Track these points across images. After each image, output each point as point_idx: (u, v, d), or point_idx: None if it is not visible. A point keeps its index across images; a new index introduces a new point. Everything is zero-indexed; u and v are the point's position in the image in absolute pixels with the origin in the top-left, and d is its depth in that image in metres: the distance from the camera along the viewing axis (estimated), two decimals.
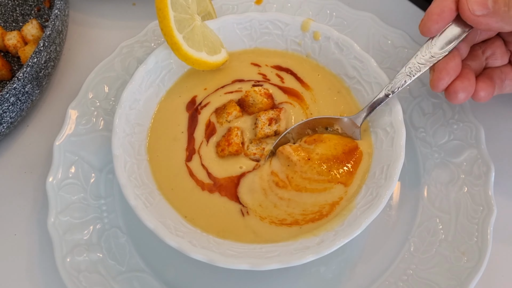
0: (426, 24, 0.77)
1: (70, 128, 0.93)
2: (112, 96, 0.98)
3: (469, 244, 0.81)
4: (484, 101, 0.81)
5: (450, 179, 0.88)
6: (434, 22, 0.76)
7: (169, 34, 0.83)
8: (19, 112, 0.94)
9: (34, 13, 1.14)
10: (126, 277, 0.83)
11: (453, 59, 0.78)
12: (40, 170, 0.96)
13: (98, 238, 0.86)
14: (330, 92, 0.90)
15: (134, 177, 0.80)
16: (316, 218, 0.78)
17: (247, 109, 0.87)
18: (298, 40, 0.93)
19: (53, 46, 0.96)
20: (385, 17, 1.03)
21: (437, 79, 0.78)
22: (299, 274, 0.85)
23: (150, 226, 0.74)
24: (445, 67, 0.78)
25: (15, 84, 0.88)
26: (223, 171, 0.82)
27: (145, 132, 0.87)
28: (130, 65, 1.00)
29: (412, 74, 0.80)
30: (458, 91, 0.78)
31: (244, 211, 0.79)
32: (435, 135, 0.92)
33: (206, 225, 0.78)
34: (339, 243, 0.72)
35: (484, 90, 0.80)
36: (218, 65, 0.90)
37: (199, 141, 0.85)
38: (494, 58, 0.84)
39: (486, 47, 0.85)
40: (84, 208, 0.88)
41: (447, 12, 0.75)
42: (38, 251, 0.88)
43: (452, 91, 0.78)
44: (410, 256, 0.83)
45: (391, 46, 1.00)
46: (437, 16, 0.76)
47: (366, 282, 0.83)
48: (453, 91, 0.78)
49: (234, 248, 0.74)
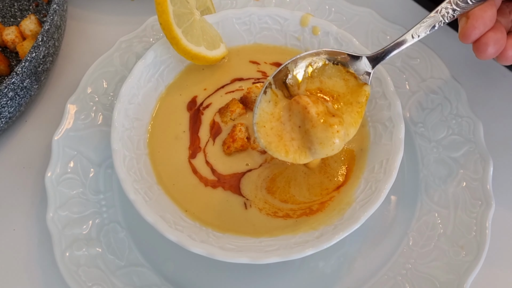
0: None
1: (69, 123, 0.93)
2: (111, 91, 0.97)
3: (468, 238, 0.82)
4: (508, 62, 0.74)
5: (448, 173, 0.88)
6: None
7: (168, 28, 0.83)
8: (18, 107, 0.94)
9: (32, 8, 1.13)
10: (125, 271, 0.83)
11: (490, 8, 0.72)
12: (39, 165, 0.96)
13: (97, 233, 0.86)
14: None
15: (133, 171, 0.80)
16: (308, 213, 0.79)
17: (250, 106, 0.87)
18: (297, 35, 0.93)
19: (52, 41, 0.96)
20: (384, 12, 1.04)
21: (472, 27, 0.71)
22: (298, 269, 0.85)
23: (150, 220, 0.74)
24: (482, 15, 0.71)
25: (14, 78, 0.88)
26: (229, 168, 0.83)
27: (144, 127, 0.87)
28: (129, 60, 0.99)
29: (444, 18, 0.74)
30: (489, 43, 0.71)
31: (247, 204, 0.79)
32: (433, 130, 0.92)
33: (207, 219, 0.78)
34: (338, 237, 0.72)
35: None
36: (217, 59, 0.90)
37: (205, 140, 0.85)
38: None
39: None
40: (83, 203, 0.88)
41: None
42: (37, 246, 0.88)
43: (484, 43, 0.71)
44: (409, 250, 0.84)
45: (390, 41, 0.99)
46: None
47: (365, 277, 0.83)
48: (485, 42, 0.71)
49: (233, 242, 0.74)
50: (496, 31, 0.72)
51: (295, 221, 0.78)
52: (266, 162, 0.83)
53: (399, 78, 0.96)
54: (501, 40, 0.72)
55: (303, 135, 0.74)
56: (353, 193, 0.79)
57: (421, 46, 0.98)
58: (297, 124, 0.75)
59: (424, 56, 0.97)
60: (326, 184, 0.81)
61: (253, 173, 0.82)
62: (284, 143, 0.75)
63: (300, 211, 0.79)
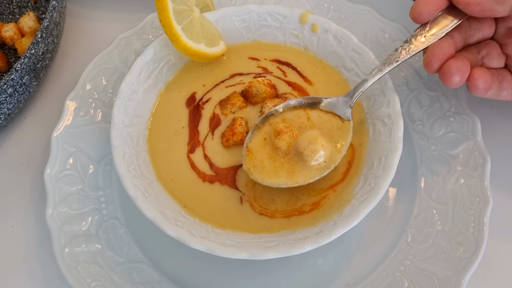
0: (416, 8, 0.77)
1: (68, 119, 0.93)
2: (110, 88, 0.97)
3: (466, 235, 0.82)
4: (482, 93, 0.78)
5: (446, 171, 0.88)
6: (424, 5, 0.76)
7: (168, 25, 0.83)
8: (17, 104, 0.94)
9: (30, 5, 1.13)
10: (124, 268, 0.83)
11: (446, 40, 0.78)
12: (37, 162, 0.96)
13: (97, 229, 0.86)
14: (329, 84, 0.90)
15: (133, 167, 0.80)
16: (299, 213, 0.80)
17: (250, 100, 0.87)
18: (297, 33, 0.93)
19: (51, 37, 0.96)
20: (383, 10, 1.04)
21: (431, 55, 0.76)
22: (297, 265, 0.85)
23: (150, 217, 0.74)
24: (439, 45, 0.77)
25: (13, 75, 0.88)
26: (226, 161, 0.83)
27: (144, 124, 0.87)
28: (128, 57, 0.99)
29: (404, 54, 0.80)
30: (452, 70, 0.75)
31: (243, 199, 0.80)
32: (432, 127, 0.92)
33: (205, 214, 0.79)
34: (338, 232, 0.72)
35: (482, 78, 0.76)
36: (217, 56, 0.91)
37: (204, 134, 0.86)
38: (490, 58, 0.82)
39: (482, 47, 0.83)
40: (83, 199, 0.88)
41: None
42: (36, 243, 0.88)
43: (447, 71, 0.75)
44: (407, 246, 0.84)
45: (388, 39, 1.01)
46: (427, 0, 0.76)
47: (363, 273, 0.83)
48: (448, 70, 0.75)
49: (233, 238, 0.75)
50: (457, 59, 0.76)
51: (287, 220, 0.79)
52: None
53: (397, 76, 0.97)
54: (463, 67, 0.75)
55: (289, 155, 0.80)
56: (352, 190, 0.79)
57: None
58: (282, 149, 0.80)
59: (422, 55, 0.98)
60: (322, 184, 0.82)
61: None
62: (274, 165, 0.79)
63: (287, 213, 0.79)
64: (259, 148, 0.80)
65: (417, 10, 0.77)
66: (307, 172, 0.77)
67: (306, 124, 0.82)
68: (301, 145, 0.78)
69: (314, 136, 0.78)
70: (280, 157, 0.79)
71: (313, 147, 0.77)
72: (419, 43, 0.80)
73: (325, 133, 0.81)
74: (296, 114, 0.83)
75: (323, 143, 0.78)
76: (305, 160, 0.77)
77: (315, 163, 0.77)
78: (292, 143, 0.79)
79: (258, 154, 0.80)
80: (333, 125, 0.82)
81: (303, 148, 0.77)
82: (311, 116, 0.82)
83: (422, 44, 0.79)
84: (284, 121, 0.82)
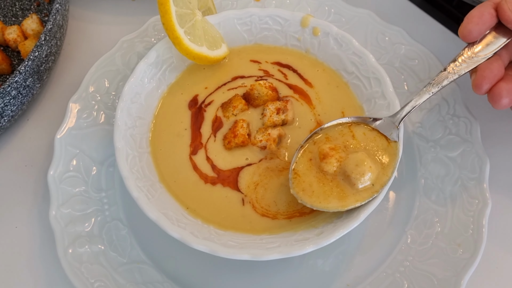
0: (466, 26, 0.76)
1: (71, 121, 0.94)
2: (113, 90, 0.98)
3: (465, 236, 0.83)
4: None
5: (446, 173, 0.89)
6: (475, 24, 0.75)
7: (170, 28, 0.84)
8: (20, 106, 0.95)
9: (33, 8, 1.14)
10: (127, 268, 0.84)
11: (496, 61, 0.76)
12: (41, 164, 0.97)
13: (100, 230, 0.87)
14: (329, 87, 0.91)
15: (136, 169, 0.81)
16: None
17: (252, 102, 0.88)
18: (298, 36, 0.94)
19: (54, 40, 0.97)
20: (383, 14, 1.05)
21: (481, 78, 0.75)
22: (297, 266, 0.86)
23: (153, 218, 0.75)
24: (489, 66, 0.76)
25: (17, 77, 0.89)
26: (228, 163, 0.84)
27: (146, 126, 0.88)
28: (131, 60, 1.00)
29: (454, 74, 0.79)
30: (502, 93, 0.74)
31: (245, 201, 0.81)
32: (431, 130, 0.93)
33: (208, 216, 0.79)
34: (338, 234, 0.73)
35: None
36: (219, 59, 0.92)
37: (206, 136, 0.86)
38: None
39: None
40: (86, 200, 0.89)
41: (486, 15, 0.75)
42: (39, 243, 0.89)
43: (497, 93, 0.75)
44: (407, 248, 0.85)
45: (388, 42, 1.02)
46: (477, 18, 0.75)
47: (363, 274, 0.84)
48: (498, 92, 0.75)
49: (235, 239, 0.76)
50: (507, 81, 0.75)
51: (288, 221, 0.80)
52: (266, 158, 0.84)
53: (397, 79, 0.98)
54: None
55: (336, 177, 0.78)
56: None
57: (419, 48, 0.99)
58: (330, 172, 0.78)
59: (422, 57, 0.99)
60: None
61: (252, 166, 0.83)
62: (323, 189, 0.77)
63: (288, 214, 0.80)
64: (306, 171, 0.78)
65: (466, 28, 0.76)
66: (357, 195, 0.76)
67: (351, 142, 0.80)
68: (348, 168, 0.76)
69: (361, 158, 0.77)
70: (328, 180, 0.77)
71: (360, 170, 0.75)
72: (468, 63, 0.78)
73: (371, 154, 0.79)
74: (340, 131, 0.81)
75: (371, 165, 0.76)
76: (353, 183, 0.76)
77: (363, 185, 0.76)
78: (339, 166, 0.77)
79: (305, 177, 0.78)
80: (378, 145, 0.80)
81: (351, 171, 0.76)
82: (356, 134, 0.81)
83: (471, 64, 0.78)
84: (328, 140, 0.80)
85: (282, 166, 0.83)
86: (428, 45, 1.00)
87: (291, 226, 0.78)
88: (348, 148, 0.80)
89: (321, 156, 0.78)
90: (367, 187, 0.76)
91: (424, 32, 1.07)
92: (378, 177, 0.77)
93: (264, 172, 0.83)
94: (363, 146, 0.80)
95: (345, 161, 0.77)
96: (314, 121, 0.87)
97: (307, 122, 0.87)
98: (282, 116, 0.85)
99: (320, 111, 0.88)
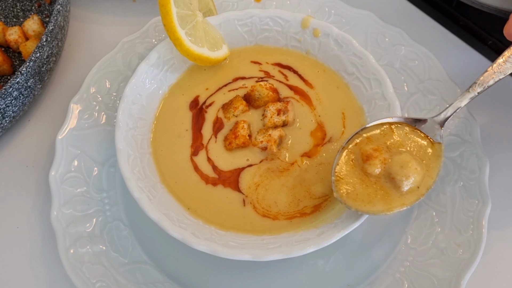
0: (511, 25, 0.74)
1: (72, 122, 0.94)
2: (114, 91, 0.99)
3: (465, 237, 0.83)
4: None
5: (446, 173, 0.90)
6: None
7: (171, 30, 0.84)
8: (21, 107, 0.95)
9: (34, 9, 1.14)
10: (128, 268, 0.84)
11: None
12: (42, 164, 0.97)
13: (101, 230, 0.87)
14: (330, 88, 0.91)
15: (137, 170, 0.81)
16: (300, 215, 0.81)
17: (253, 103, 0.89)
18: (298, 37, 0.95)
19: (55, 41, 0.97)
20: (383, 15, 1.05)
21: None
22: (298, 267, 0.86)
23: (154, 218, 0.75)
24: None
25: (18, 78, 0.89)
26: (229, 164, 0.84)
27: (147, 127, 0.88)
28: (132, 61, 1.01)
29: (500, 73, 0.78)
30: None
31: (246, 202, 0.81)
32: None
33: (209, 216, 0.80)
34: (339, 234, 0.73)
35: None
36: (219, 60, 0.92)
37: (207, 137, 0.87)
38: None
39: None
40: (87, 201, 0.89)
41: None
42: (41, 244, 0.89)
43: None
44: (407, 248, 0.85)
45: (388, 43, 1.02)
46: None
47: (364, 274, 0.85)
48: None
49: (236, 240, 0.76)
50: None
51: (289, 222, 0.80)
52: (267, 159, 0.84)
53: (397, 80, 0.98)
54: None
55: (380, 179, 0.76)
56: None
57: (419, 49, 1.00)
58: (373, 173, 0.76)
59: (422, 58, 0.99)
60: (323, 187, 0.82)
61: (253, 167, 0.84)
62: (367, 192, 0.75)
63: (289, 215, 0.80)
64: (348, 172, 0.76)
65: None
66: (403, 197, 0.74)
67: (394, 143, 0.78)
68: (393, 169, 0.74)
69: (406, 159, 0.74)
70: (372, 182, 0.75)
71: (406, 172, 0.73)
72: None
73: (415, 155, 0.77)
74: (382, 131, 0.79)
75: (416, 167, 0.74)
76: (398, 186, 0.74)
77: (408, 188, 0.74)
78: (383, 168, 0.75)
79: (348, 178, 0.76)
80: (421, 145, 0.78)
81: (396, 173, 0.74)
82: (398, 135, 0.78)
83: None
84: (369, 140, 0.78)
85: (283, 167, 0.84)
86: (428, 46, 1.00)
87: (292, 227, 0.79)
88: (391, 149, 0.77)
89: (364, 157, 0.76)
90: (413, 189, 0.74)
91: (424, 33, 1.08)
92: (424, 179, 0.75)
93: (265, 173, 0.83)
94: (405, 147, 0.77)
95: (389, 162, 0.75)
96: (314, 122, 0.88)
97: (308, 123, 0.88)
98: (282, 117, 0.86)
99: (320, 112, 0.89)
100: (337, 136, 0.86)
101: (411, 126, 0.79)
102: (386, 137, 0.79)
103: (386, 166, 0.75)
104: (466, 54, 1.07)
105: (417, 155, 0.77)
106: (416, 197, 0.74)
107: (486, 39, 1.07)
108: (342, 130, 0.87)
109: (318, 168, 0.83)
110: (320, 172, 0.83)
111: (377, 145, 0.77)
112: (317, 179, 0.82)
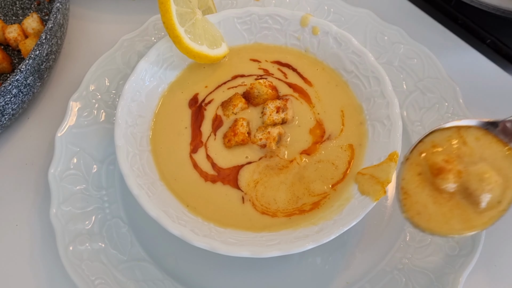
0: None
1: (71, 120, 0.94)
2: (113, 89, 0.99)
3: None
4: None
5: None
6: None
7: (171, 27, 0.84)
8: (21, 104, 0.95)
9: (34, 7, 1.14)
10: (127, 266, 0.84)
11: None
12: (41, 162, 0.97)
13: (100, 228, 0.87)
14: (329, 85, 0.91)
15: (136, 167, 0.81)
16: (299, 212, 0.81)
17: (252, 101, 0.89)
18: (297, 35, 0.95)
19: (55, 39, 0.97)
20: (382, 13, 1.05)
21: None
22: (297, 264, 0.86)
23: (153, 215, 0.75)
24: None
25: (18, 76, 0.89)
26: (228, 162, 0.84)
27: (147, 124, 0.88)
28: (131, 59, 1.01)
29: None
30: None
31: (245, 199, 0.81)
32: (430, 128, 0.93)
33: (208, 213, 0.80)
34: (338, 231, 0.74)
35: None
36: (219, 58, 0.92)
37: (207, 134, 0.87)
38: None
39: None
40: (86, 198, 0.89)
41: None
42: (40, 241, 0.89)
43: None
44: (405, 245, 0.85)
45: (387, 42, 1.02)
46: None
47: (362, 271, 0.85)
48: None
49: (235, 236, 0.76)
50: None
51: (288, 219, 0.80)
52: (266, 157, 0.84)
53: (396, 78, 0.98)
54: None
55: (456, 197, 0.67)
56: (352, 189, 0.80)
57: (418, 47, 1.00)
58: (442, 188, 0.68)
59: (420, 56, 0.99)
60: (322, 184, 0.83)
61: (252, 165, 0.84)
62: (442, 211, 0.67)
63: (288, 212, 0.81)
64: (416, 189, 0.67)
65: None
66: (484, 216, 0.66)
67: (464, 151, 0.68)
68: (472, 184, 0.65)
69: (483, 171, 0.65)
70: (445, 200, 0.66)
71: (486, 186, 0.65)
72: None
73: (492, 164, 0.67)
74: (448, 137, 0.69)
75: (496, 179, 0.65)
76: (477, 202, 0.65)
77: (488, 203, 0.65)
78: (458, 182, 0.66)
79: (418, 196, 0.67)
80: (496, 152, 0.68)
81: (475, 188, 0.65)
82: (467, 140, 0.69)
83: None
84: (434, 148, 0.68)
85: (282, 165, 0.84)
86: (427, 45, 1.00)
87: (291, 224, 0.79)
88: (462, 158, 0.67)
89: (435, 170, 0.66)
90: (493, 205, 0.65)
91: (423, 31, 1.08)
92: (504, 192, 0.65)
93: (264, 170, 0.83)
94: (478, 154, 0.68)
95: (465, 175, 0.65)
96: (313, 119, 0.88)
97: (307, 121, 0.88)
98: (281, 114, 0.86)
99: (319, 109, 0.89)
100: (336, 133, 0.87)
101: (483, 129, 0.70)
102: (453, 144, 0.69)
103: (462, 180, 0.66)
104: (464, 53, 1.07)
105: (493, 164, 0.67)
106: (498, 214, 0.66)
107: (484, 38, 1.07)
108: (341, 128, 0.87)
109: (317, 166, 0.83)
110: (319, 170, 0.83)
111: (447, 155, 0.68)
112: (316, 176, 0.82)
